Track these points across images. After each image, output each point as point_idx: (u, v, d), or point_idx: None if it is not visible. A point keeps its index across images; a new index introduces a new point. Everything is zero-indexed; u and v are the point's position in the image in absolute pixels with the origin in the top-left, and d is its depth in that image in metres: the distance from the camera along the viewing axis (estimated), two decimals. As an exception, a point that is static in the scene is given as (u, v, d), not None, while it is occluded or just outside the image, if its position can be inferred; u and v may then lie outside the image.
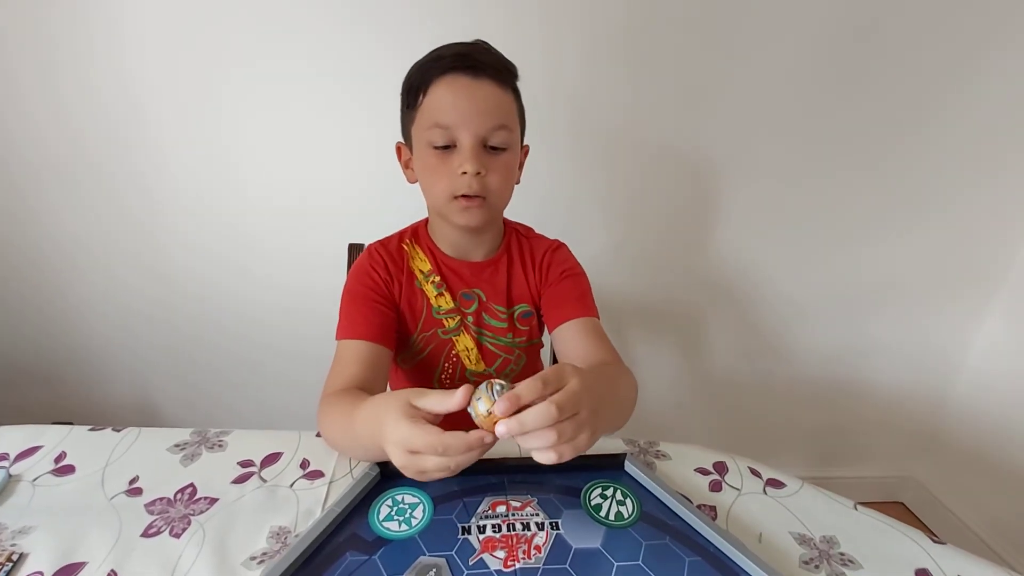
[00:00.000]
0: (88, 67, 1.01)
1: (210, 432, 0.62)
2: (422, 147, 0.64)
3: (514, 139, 0.65)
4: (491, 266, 0.74)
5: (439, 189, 0.64)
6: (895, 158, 1.17)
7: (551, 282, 0.74)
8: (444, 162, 0.63)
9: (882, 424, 1.47)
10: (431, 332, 0.73)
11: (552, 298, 0.73)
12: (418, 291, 0.72)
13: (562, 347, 0.70)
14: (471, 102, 0.61)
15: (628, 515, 0.53)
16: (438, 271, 0.72)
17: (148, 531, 0.49)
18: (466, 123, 0.61)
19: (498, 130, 0.62)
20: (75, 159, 1.08)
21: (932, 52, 1.07)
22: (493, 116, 0.62)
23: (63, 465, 0.57)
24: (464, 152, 0.61)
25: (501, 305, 0.74)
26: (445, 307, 0.72)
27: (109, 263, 1.18)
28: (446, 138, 0.61)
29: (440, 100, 0.61)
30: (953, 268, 1.29)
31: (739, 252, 1.25)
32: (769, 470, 0.60)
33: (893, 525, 0.54)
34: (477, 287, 0.73)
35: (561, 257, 0.76)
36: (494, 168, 0.63)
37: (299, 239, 1.16)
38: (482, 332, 0.74)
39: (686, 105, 1.10)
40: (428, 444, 0.41)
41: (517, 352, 0.76)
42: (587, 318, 0.70)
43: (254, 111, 1.05)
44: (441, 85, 0.61)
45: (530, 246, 0.77)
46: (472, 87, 0.61)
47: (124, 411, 1.34)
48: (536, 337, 0.78)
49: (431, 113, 0.62)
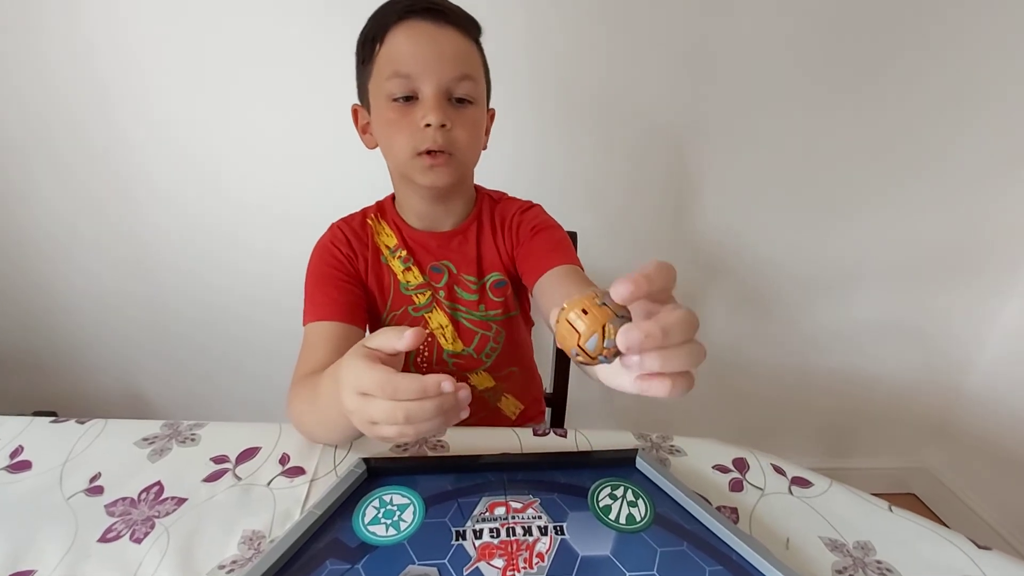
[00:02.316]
0: (73, 64, 0.97)
1: (183, 425, 0.57)
2: (380, 102, 0.58)
3: (480, 92, 0.60)
4: (459, 235, 0.69)
5: (400, 146, 0.58)
6: (907, 130, 1.09)
7: (523, 240, 0.68)
8: (405, 115, 0.57)
9: (893, 413, 1.41)
10: (401, 310, 0.68)
11: (526, 256, 0.66)
12: (384, 267, 0.68)
13: (547, 301, 0.59)
14: (433, 48, 0.55)
15: (640, 518, 0.48)
16: (404, 245, 0.68)
17: (107, 535, 0.44)
18: (428, 71, 0.55)
19: (463, 80, 0.57)
20: (61, 145, 1.04)
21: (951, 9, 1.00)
22: (458, 64, 0.56)
23: (19, 461, 0.52)
24: (427, 102, 0.56)
25: (472, 275, 0.69)
26: (414, 282, 0.67)
27: (94, 253, 1.14)
28: (406, 88, 0.56)
29: (399, 47, 0.56)
30: (968, 251, 1.22)
31: (738, 229, 1.18)
32: (794, 467, 0.55)
33: (933, 529, 0.49)
34: (446, 259, 0.68)
35: (532, 214, 0.70)
36: (460, 122, 0.58)
37: (284, 234, 1.12)
38: (456, 307, 0.69)
39: (678, 74, 1.03)
40: (376, 383, 0.36)
41: (495, 328, 0.70)
42: (568, 265, 0.61)
43: (240, 108, 1.02)
44: (400, 31, 0.56)
45: (501, 210, 0.71)
46: (434, 32, 0.56)
47: (110, 400, 1.30)
48: (513, 309, 0.72)
49: (389, 62, 0.56)
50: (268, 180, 1.08)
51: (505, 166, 1.01)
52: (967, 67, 1.05)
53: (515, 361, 0.77)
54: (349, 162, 1.03)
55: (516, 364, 0.77)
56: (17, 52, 0.96)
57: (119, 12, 0.94)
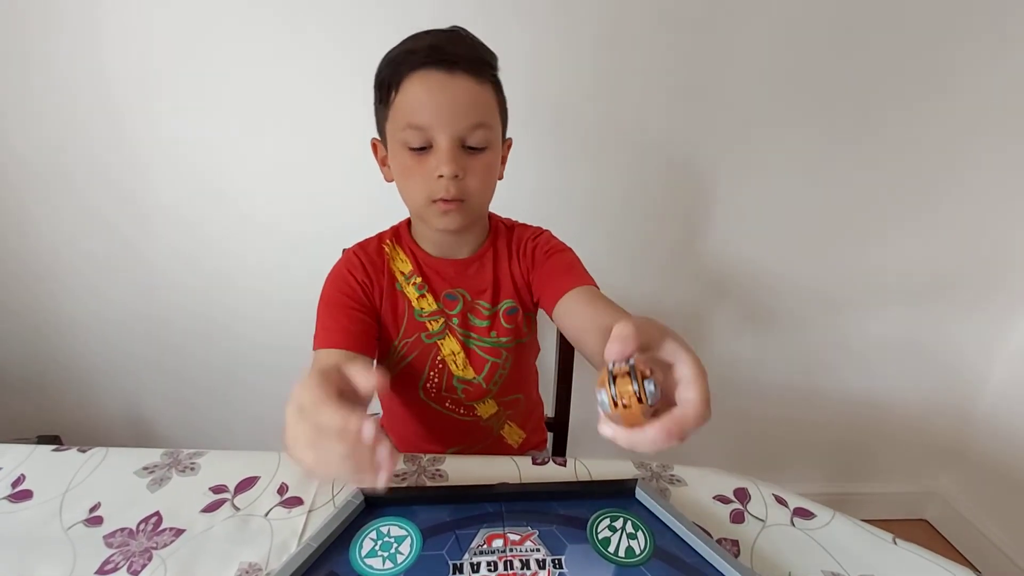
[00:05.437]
0: (73, 78, 0.98)
1: (182, 453, 0.57)
2: (397, 147, 0.59)
3: (494, 137, 0.61)
4: (476, 262, 0.69)
5: (416, 192, 0.60)
6: (910, 148, 1.09)
7: (537, 265, 0.69)
8: (420, 163, 0.58)
9: (904, 437, 1.38)
10: (414, 337, 0.68)
11: (543, 280, 0.68)
12: (399, 294, 0.68)
13: (568, 322, 0.61)
14: (447, 98, 0.56)
15: (640, 551, 0.47)
16: (419, 271, 0.68)
17: (104, 567, 0.44)
18: (442, 124, 0.56)
19: (476, 129, 0.58)
20: (65, 164, 1.05)
21: (948, 34, 1.01)
22: (470, 115, 0.57)
23: (21, 490, 0.52)
24: (441, 154, 0.57)
25: (486, 301, 0.69)
26: (428, 309, 0.67)
27: (98, 273, 1.15)
28: (421, 139, 0.57)
29: (413, 99, 0.57)
30: (980, 273, 1.21)
31: (742, 253, 1.18)
32: (796, 498, 0.54)
33: (937, 562, 0.48)
34: (461, 286, 0.69)
35: (544, 239, 0.72)
36: (473, 169, 0.59)
37: (290, 251, 1.13)
38: (468, 335, 0.69)
39: (678, 99, 1.04)
40: (308, 402, 0.34)
41: (505, 354, 0.71)
42: (585, 286, 0.63)
43: (244, 122, 1.02)
44: (414, 82, 0.56)
45: (516, 237, 0.72)
46: (447, 84, 0.56)
47: (114, 422, 1.30)
48: (523, 336, 0.72)
49: (404, 113, 0.57)
50: (276, 202, 1.09)
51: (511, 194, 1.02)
52: (985, 91, 1.05)
53: (520, 388, 0.77)
54: (360, 185, 1.03)
55: (520, 391, 0.77)
56: (31, 75, 0.98)
57: (135, 33, 0.95)
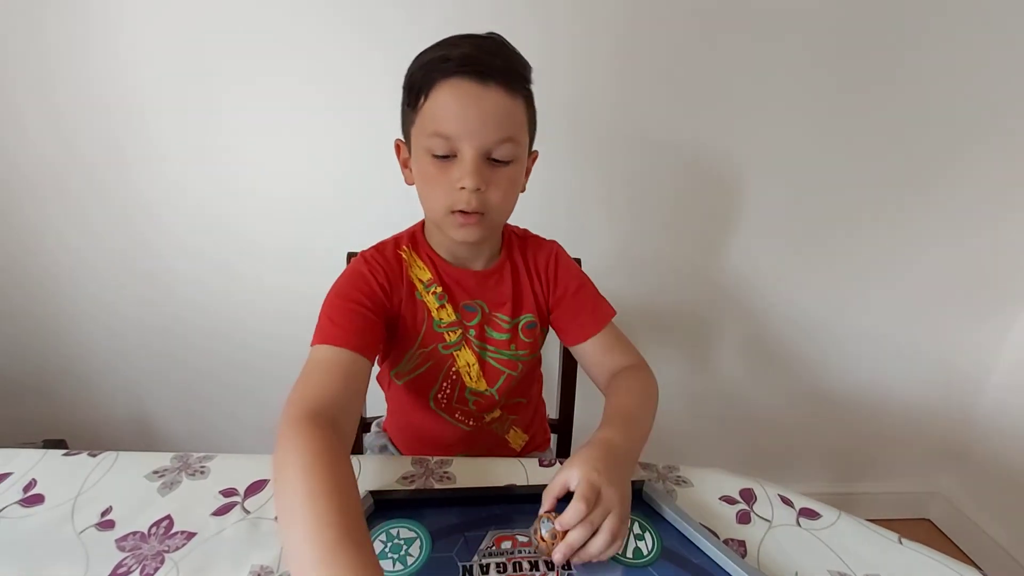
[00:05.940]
0: (84, 75, 0.99)
1: (192, 457, 0.58)
2: (421, 153, 0.59)
3: (520, 151, 0.60)
4: (495, 274, 0.69)
5: (436, 201, 0.59)
6: (918, 160, 1.11)
7: (560, 295, 0.71)
8: (443, 172, 0.57)
9: (907, 437, 1.39)
10: (431, 347, 0.67)
11: (567, 316, 0.70)
12: (419, 303, 0.66)
13: (584, 361, 0.72)
14: (477, 110, 0.55)
15: (648, 552, 0.47)
16: (439, 280, 0.67)
17: (117, 571, 0.45)
18: (469, 135, 0.55)
19: (503, 143, 0.57)
20: (70, 169, 1.06)
21: (959, 46, 1.02)
22: (499, 128, 0.56)
23: (32, 494, 0.53)
24: (465, 165, 0.56)
25: (505, 315, 0.69)
26: (447, 320, 0.66)
27: (105, 274, 1.15)
28: (447, 148, 0.56)
29: (443, 107, 0.56)
30: (979, 274, 1.23)
31: (748, 257, 1.19)
32: (802, 498, 0.55)
33: (943, 562, 0.49)
34: (480, 298, 0.68)
35: (564, 265, 0.72)
36: (496, 183, 0.58)
37: (299, 247, 1.13)
38: (485, 347, 0.69)
39: (689, 103, 1.05)
40: None
41: (521, 367, 0.71)
42: (604, 331, 0.69)
43: (251, 118, 1.03)
44: (445, 90, 0.56)
45: (532, 252, 0.72)
46: (479, 95, 0.55)
47: (121, 427, 1.31)
48: (538, 349, 0.74)
49: (432, 120, 0.56)
50: (283, 213, 1.10)
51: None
52: (985, 91, 1.06)
53: (524, 392, 0.77)
54: (367, 203, 1.06)
55: (524, 395, 0.77)
56: (32, 83, 1.00)
57: (136, 43, 0.97)
